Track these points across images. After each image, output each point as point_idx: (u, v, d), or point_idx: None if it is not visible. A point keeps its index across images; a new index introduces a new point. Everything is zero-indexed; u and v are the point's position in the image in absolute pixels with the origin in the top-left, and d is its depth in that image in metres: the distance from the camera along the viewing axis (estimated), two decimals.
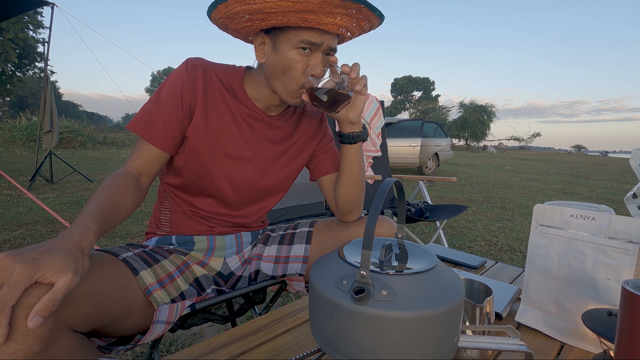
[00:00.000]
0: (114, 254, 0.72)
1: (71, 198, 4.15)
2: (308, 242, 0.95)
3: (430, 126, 8.93)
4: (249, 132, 0.86)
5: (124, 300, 0.67)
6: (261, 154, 0.88)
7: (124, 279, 0.68)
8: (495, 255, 2.77)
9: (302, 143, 0.95)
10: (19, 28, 14.87)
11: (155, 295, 0.73)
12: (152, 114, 0.78)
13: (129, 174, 0.76)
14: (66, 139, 10.91)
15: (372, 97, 2.61)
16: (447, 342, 0.42)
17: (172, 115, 0.79)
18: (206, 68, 0.82)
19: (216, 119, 0.83)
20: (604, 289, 0.66)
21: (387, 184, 0.46)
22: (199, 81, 0.80)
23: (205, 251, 0.89)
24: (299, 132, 0.94)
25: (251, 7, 0.69)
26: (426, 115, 35.73)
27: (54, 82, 30.22)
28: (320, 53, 0.75)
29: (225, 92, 0.83)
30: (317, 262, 0.50)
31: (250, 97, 0.85)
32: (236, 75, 0.85)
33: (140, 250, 0.78)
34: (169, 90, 0.79)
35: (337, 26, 0.72)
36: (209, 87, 0.82)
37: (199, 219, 0.89)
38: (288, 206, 3.16)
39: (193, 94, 0.80)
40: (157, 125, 0.78)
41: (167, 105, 0.79)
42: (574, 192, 6.76)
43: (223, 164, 0.85)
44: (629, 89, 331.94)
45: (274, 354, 0.62)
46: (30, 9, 4.50)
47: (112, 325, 0.66)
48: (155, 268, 0.76)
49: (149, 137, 0.78)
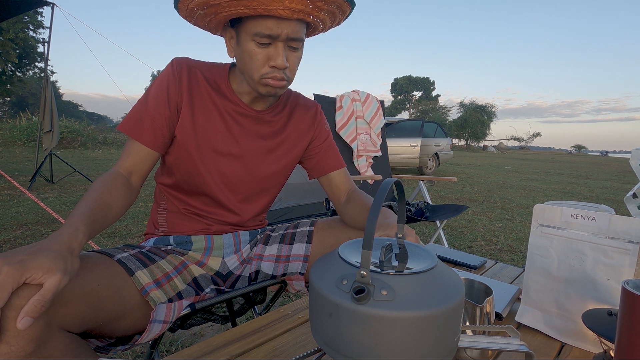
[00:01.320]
0: (108, 254, 0.72)
1: (71, 198, 4.15)
2: (309, 241, 0.95)
3: (430, 126, 8.93)
4: (237, 128, 0.86)
5: (119, 300, 0.67)
6: (250, 150, 0.88)
7: (119, 279, 0.68)
8: (495, 255, 2.77)
9: (295, 138, 0.94)
10: (19, 28, 14.87)
11: (152, 295, 0.72)
12: (141, 113, 0.80)
13: (119, 174, 0.77)
14: (66, 139, 10.91)
15: (372, 97, 2.61)
16: (447, 342, 0.42)
17: (160, 114, 0.80)
18: (191, 66, 0.83)
19: (203, 116, 0.84)
20: (604, 289, 0.66)
21: (387, 184, 0.46)
22: (184, 79, 0.82)
23: (203, 251, 0.89)
24: (290, 126, 0.94)
25: (199, 0, 0.70)
26: (426, 115, 35.75)
27: (54, 82, 30.25)
28: (281, 43, 0.73)
29: (211, 89, 0.84)
30: (317, 262, 0.50)
31: (236, 93, 0.86)
32: (221, 72, 0.86)
33: (137, 251, 0.78)
34: (156, 90, 0.81)
35: (290, 10, 0.69)
36: (195, 84, 0.83)
37: (195, 216, 0.89)
38: (288, 206, 3.16)
39: (179, 92, 0.81)
40: (146, 124, 0.79)
41: (155, 105, 0.80)
42: (574, 192, 6.76)
43: (213, 161, 0.85)
44: (629, 89, 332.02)
45: (274, 354, 0.62)
46: (30, 9, 4.50)
47: (108, 325, 0.66)
48: (151, 268, 0.76)
49: (139, 136, 0.79)
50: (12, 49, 15.11)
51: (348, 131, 2.45)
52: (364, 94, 2.59)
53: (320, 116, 1.00)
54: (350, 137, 2.46)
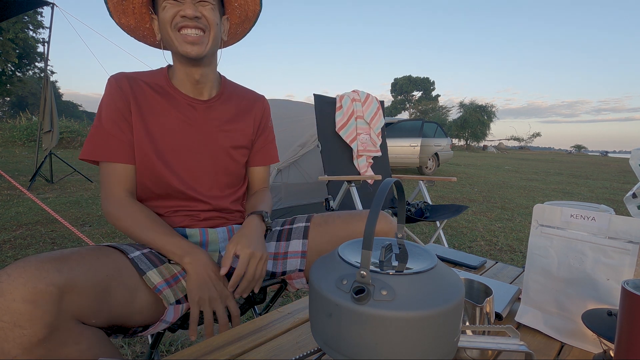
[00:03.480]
0: (122, 251, 0.73)
1: (71, 198, 4.15)
2: (305, 237, 0.95)
3: (430, 126, 8.93)
4: (188, 121, 0.90)
5: (127, 294, 0.68)
6: (208, 141, 0.91)
7: (126, 274, 0.69)
8: (495, 255, 2.77)
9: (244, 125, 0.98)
10: (19, 28, 14.88)
11: (165, 293, 0.74)
12: (102, 136, 0.83)
13: (129, 200, 0.83)
14: (66, 139, 10.91)
15: (372, 97, 2.61)
16: (447, 342, 0.42)
17: (120, 129, 0.83)
18: (130, 77, 0.87)
19: (153, 117, 0.87)
20: (604, 289, 0.66)
21: (387, 184, 0.46)
22: (126, 89, 0.85)
23: (200, 245, 0.90)
24: (240, 114, 0.98)
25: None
26: (426, 115, 35.75)
27: (54, 82, 30.25)
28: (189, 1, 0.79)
29: (155, 93, 0.88)
30: (317, 262, 0.50)
31: (178, 89, 0.90)
32: (160, 74, 0.91)
33: (148, 251, 0.79)
34: (106, 110, 0.84)
35: None
36: (138, 92, 0.86)
37: (176, 214, 0.90)
38: (288, 206, 3.16)
39: (126, 102, 0.84)
40: (113, 144, 0.83)
41: (112, 123, 0.83)
42: (574, 192, 6.76)
43: (174, 159, 0.88)
44: (629, 89, 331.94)
45: (274, 354, 0.62)
46: (30, 9, 4.50)
47: (120, 318, 0.67)
48: (161, 269, 0.77)
49: (113, 157, 0.83)
50: (12, 49, 15.12)
51: (348, 131, 2.45)
52: (363, 94, 2.59)
53: (267, 110, 1.05)
54: (350, 137, 2.46)
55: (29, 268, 0.54)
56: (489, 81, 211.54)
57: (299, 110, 3.51)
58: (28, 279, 0.53)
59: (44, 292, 0.53)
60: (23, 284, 0.52)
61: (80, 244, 2.63)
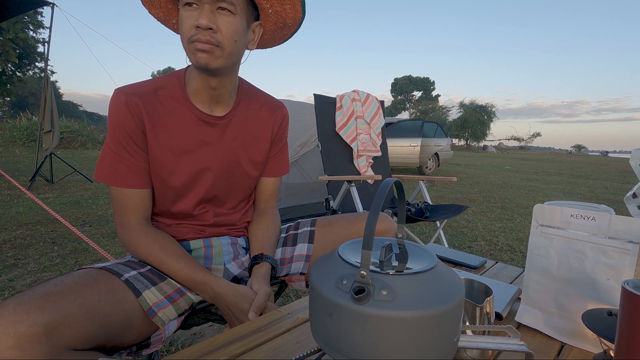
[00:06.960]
0: (116, 273, 0.71)
1: (71, 198, 4.15)
2: (311, 241, 0.95)
3: (430, 126, 8.93)
4: (206, 141, 0.85)
5: (122, 314, 0.66)
6: (224, 160, 0.87)
7: (120, 294, 0.67)
8: (495, 255, 2.77)
9: (259, 138, 0.93)
10: (19, 28, 14.88)
11: (160, 315, 0.72)
12: (111, 160, 0.79)
13: (145, 229, 0.81)
14: (66, 139, 10.92)
15: (372, 97, 2.61)
16: (447, 342, 0.42)
17: (128, 152, 0.79)
18: (140, 94, 0.80)
19: (168, 138, 0.82)
20: (604, 289, 0.66)
21: (387, 184, 0.46)
22: (137, 109, 0.79)
23: (204, 259, 0.89)
24: (253, 127, 0.92)
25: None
26: (426, 115, 35.73)
27: (54, 82, 30.23)
28: (207, 5, 0.71)
29: (169, 110, 0.82)
30: (317, 262, 0.51)
31: (194, 104, 0.83)
32: (177, 82, 0.83)
33: (147, 270, 0.77)
34: (114, 130, 0.79)
35: None
36: (152, 109, 0.80)
37: (184, 227, 0.89)
38: (288, 206, 3.16)
39: (138, 123, 0.79)
40: (121, 169, 0.79)
41: (119, 145, 0.79)
42: (574, 192, 6.76)
43: (188, 181, 0.84)
44: (629, 89, 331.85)
45: (274, 354, 0.62)
46: (31, 9, 4.50)
47: (117, 338, 0.66)
48: (161, 286, 0.75)
49: (123, 183, 0.79)
50: (12, 49, 15.11)
51: (348, 131, 2.45)
52: (364, 93, 2.59)
53: (286, 120, 0.98)
54: (350, 137, 2.46)
55: (6, 313, 0.52)
56: (489, 81, 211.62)
57: (299, 110, 3.52)
58: (8, 325, 0.51)
59: (28, 335, 0.51)
60: (3, 331, 0.50)
61: (80, 244, 2.63)
